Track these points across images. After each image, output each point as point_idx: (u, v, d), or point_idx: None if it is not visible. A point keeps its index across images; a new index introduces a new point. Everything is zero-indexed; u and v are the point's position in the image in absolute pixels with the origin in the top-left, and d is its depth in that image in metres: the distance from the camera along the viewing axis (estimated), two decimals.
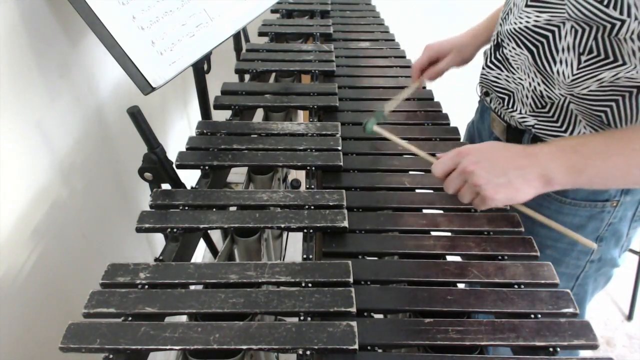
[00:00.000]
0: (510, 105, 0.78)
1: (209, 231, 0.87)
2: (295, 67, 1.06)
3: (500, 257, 0.64)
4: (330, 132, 0.85)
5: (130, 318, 0.54)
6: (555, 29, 0.67)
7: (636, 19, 0.57)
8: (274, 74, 1.11)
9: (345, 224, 0.66)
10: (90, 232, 0.96)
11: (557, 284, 0.61)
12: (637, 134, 0.60)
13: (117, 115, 1.04)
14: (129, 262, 0.60)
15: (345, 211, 0.68)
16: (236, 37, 1.26)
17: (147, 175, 0.76)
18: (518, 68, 0.75)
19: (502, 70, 0.79)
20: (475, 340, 0.53)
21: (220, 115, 0.94)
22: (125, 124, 0.72)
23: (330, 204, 0.70)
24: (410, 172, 0.80)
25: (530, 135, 0.77)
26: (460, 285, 0.61)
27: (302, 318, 0.54)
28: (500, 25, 0.79)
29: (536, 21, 0.69)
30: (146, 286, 0.58)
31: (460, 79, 1.37)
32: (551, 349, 0.53)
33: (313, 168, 0.78)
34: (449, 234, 0.69)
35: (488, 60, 0.82)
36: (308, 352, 0.51)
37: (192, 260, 0.67)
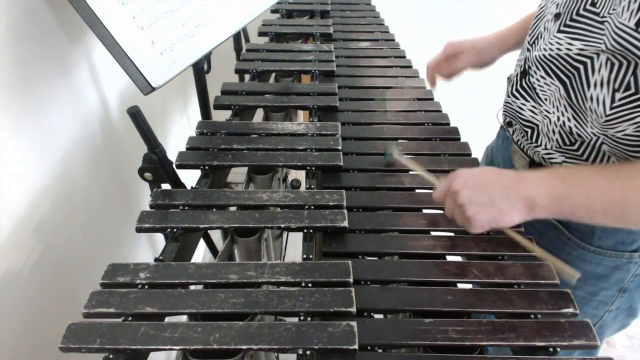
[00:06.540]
0: (534, 140, 0.71)
1: (209, 231, 0.87)
2: (295, 67, 1.06)
3: (500, 257, 0.64)
4: (330, 132, 0.85)
5: (130, 318, 0.54)
6: (588, 61, 0.59)
7: None
8: (274, 74, 1.11)
9: (345, 224, 0.66)
10: (90, 232, 0.96)
11: (558, 284, 0.60)
12: (628, 170, 0.56)
13: (117, 115, 1.05)
14: (129, 262, 0.60)
15: (345, 211, 0.68)
16: (236, 37, 1.26)
17: (147, 175, 0.76)
18: (546, 99, 0.68)
19: (527, 100, 0.71)
20: (475, 340, 0.53)
21: (220, 115, 0.94)
22: (125, 124, 0.72)
23: (330, 204, 0.70)
24: (410, 172, 0.80)
25: None
26: (461, 285, 0.61)
27: (302, 318, 0.54)
28: (528, 50, 0.71)
29: (568, 49, 0.62)
30: (146, 286, 0.58)
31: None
32: (551, 349, 0.53)
33: (313, 168, 0.78)
34: (449, 234, 0.69)
35: (513, 87, 0.75)
36: (308, 352, 0.51)
37: (192, 260, 0.67)
